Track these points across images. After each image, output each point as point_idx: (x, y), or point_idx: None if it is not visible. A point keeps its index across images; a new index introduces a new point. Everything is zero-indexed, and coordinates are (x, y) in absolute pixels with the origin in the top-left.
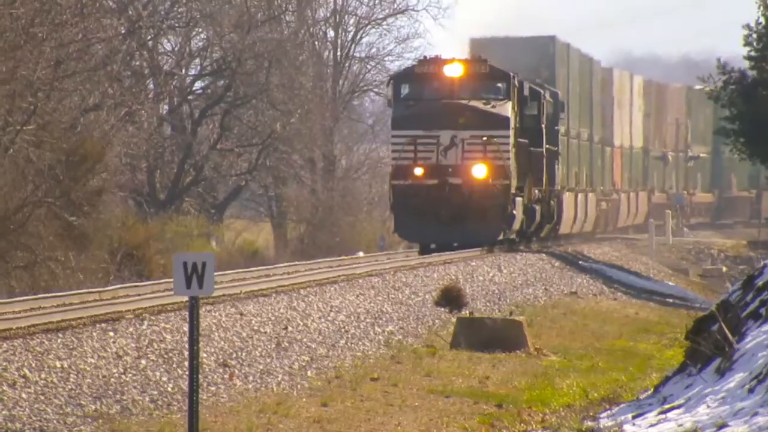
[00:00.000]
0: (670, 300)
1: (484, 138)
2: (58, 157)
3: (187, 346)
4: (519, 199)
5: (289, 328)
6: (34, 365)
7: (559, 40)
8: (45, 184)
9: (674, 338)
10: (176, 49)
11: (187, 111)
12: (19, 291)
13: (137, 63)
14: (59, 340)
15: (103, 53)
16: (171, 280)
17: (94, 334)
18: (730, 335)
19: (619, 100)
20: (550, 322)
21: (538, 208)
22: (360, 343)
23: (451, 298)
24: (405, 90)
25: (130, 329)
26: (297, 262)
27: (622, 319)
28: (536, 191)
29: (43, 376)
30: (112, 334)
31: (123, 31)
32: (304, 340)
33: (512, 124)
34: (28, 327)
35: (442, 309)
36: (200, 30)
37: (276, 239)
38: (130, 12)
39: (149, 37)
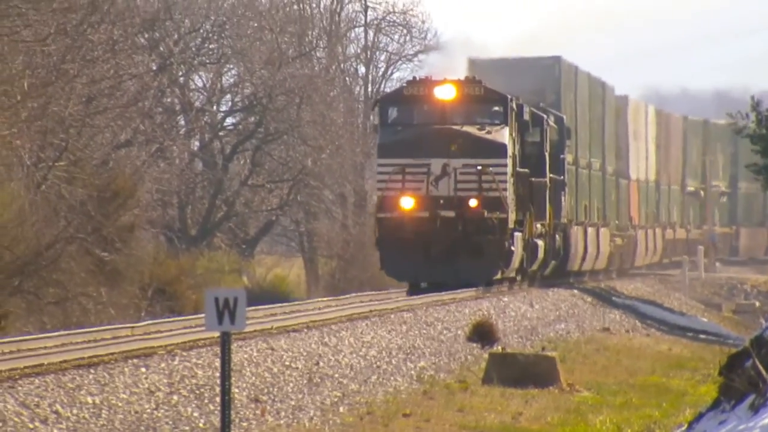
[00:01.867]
0: (703, 336)
1: (479, 167)
2: (90, 193)
3: (218, 381)
4: (518, 234)
5: (321, 364)
6: (66, 401)
7: (565, 61)
8: (77, 220)
9: (707, 374)
10: (207, 85)
11: (219, 147)
12: (51, 327)
13: (168, 99)
14: (91, 376)
15: (135, 89)
16: (203, 315)
17: (126, 369)
18: (764, 371)
19: (635, 131)
20: (583, 358)
21: (541, 243)
22: (392, 378)
23: (483, 334)
24: (392, 114)
25: (162, 365)
26: (328, 297)
27: (655, 355)
28: (538, 225)
29: (75, 411)
30: (144, 369)
31: (154, 68)
32: (336, 375)
33: (510, 152)
34: (60, 362)
35: (474, 344)
36: (231, 66)
37: (307, 274)
38: (162, 48)
39: (180, 74)
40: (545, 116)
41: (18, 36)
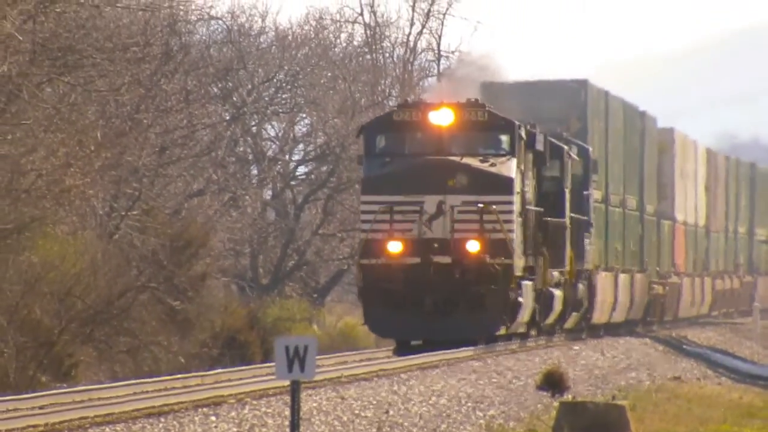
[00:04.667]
0: None
1: (481, 204)
2: (162, 242)
3: (288, 430)
4: (527, 283)
5: (390, 412)
6: None
7: (593, 85)
8: (149, 270)
9: None
10: (280, 134)
11: (290, 196)
12: (122, 375)
13: (241, 149)
14: (161, 425)
15: (208, 139)
16: (273, 364)
17: (196, 418)
18: None
19: (683, 169)
20: (654, 407)
21: (558, 293)
22: (461, 427)
23: (553, 382)
24: (380, 143)
25: (232, 414)
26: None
27: (726, 404)
28: (555, 272)
29: None
30: (213, 418)
31: (227, 117)
32: (406, 424)
33: (518, 187)
34: (131, 411)
35: (544, 393)
36: (304, 115)
37: None
38: (235, 98)
39: (253, 123)
40: (565, 147)
41: (92, 86)
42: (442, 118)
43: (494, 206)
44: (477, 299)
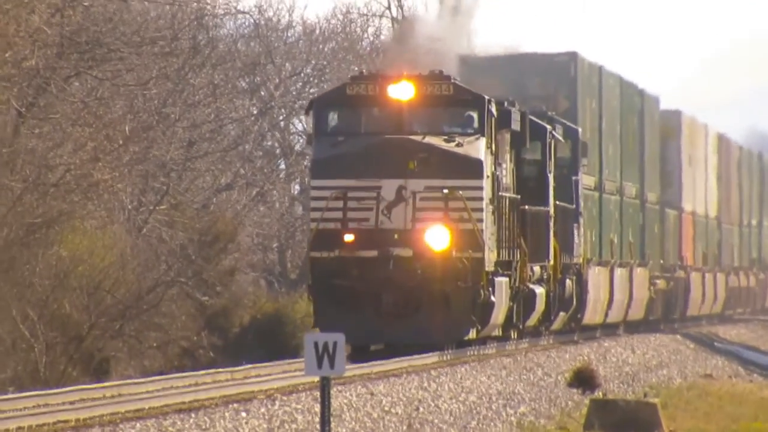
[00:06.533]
0: None
1: (446, 190)
2: (191, 236)
3: (318, 426)
4: (502, 280)
5: (421, 409)
6: None
7: (584, 59)
8: (177, 264)
9: None
10: (307, 128)
11: None
12: (152, 370)
13: (269, 143)
14: (192, 420)
15: (236, 133)
16: (302, 359)
17: (227, 414)
18: None
19: (691, 155)
20: (685, 404)
21: (540, 290)
22: (492, 424)
23: (583, 379)
24: (332, 120)
25: (262, 410)
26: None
27: (758, 402)
28: (535, 267)
29: None
30: (244, 414)
31: (255, 112)
32: (436, 421)
33: (488, 171)
34: (161, 407)
35: (575, 390)
36: None
37: None
38: (263, 92)
39: (281, 118)
40: (548, 127)
41: (120, 80)
42: (402, 92)
43: (461, 192)
44: (441, 298)
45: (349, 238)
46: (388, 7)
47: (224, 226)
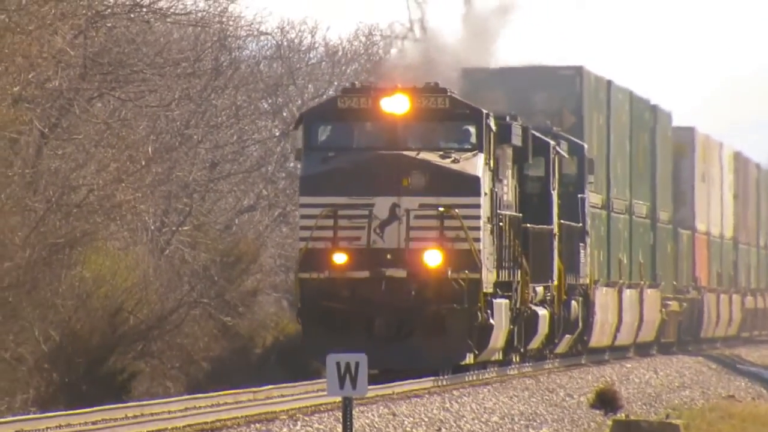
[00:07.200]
0: None
1: (441, 208)
2: (213, 257)
3: None
4: (501, 302)
5: (443, 430)
6: None
7: (590, 73)
8: (200, 285)
9: None
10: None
11: None
12: (174, 391)
13: (291, 164)
14: None
15: (258, 154)
16: (324, 380)
17: None
18: None
19: (704, 173)
20: (708, 426)
21: (543, 312)
22: None
23: (606, 401)
24: (322, 134)
25: (284, 430)
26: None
27: None
28: (538, 288)
29: None
30: None
31: (277, 133)
32: None
33: (486, 188)
34: (183, 427)
35: (598, 411)
36: None
37: None
38: (285, 114)
39: None
40: (552, 143)
41: (143, 101)
42: (396, 105)
43: (457, 210)
44: (437, 321)
45: (339, 258)
46: (411, 29)
47: (246, 247)
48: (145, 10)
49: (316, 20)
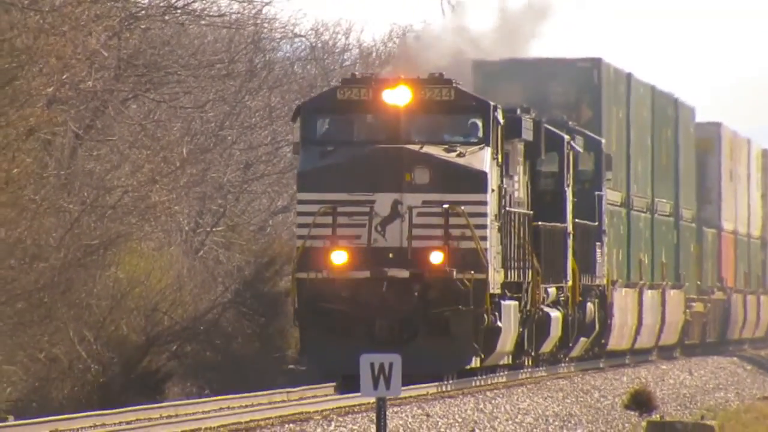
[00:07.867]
0: None
1: (446, 205)
2: (247, 258)
3: None
4: (510, 303)
5: (477, 431)
6: None
7: (609, 65)
8: (234, 286)
9: None
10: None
11: None
12: (208, 391)
13: None
14: None
15: (292, 156)
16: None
17: None
18: None
19: (731, 171)
20: (743, 427)
21: (555, 314)
22: None
23: (640, 402)
24: (321, 128)
25: (318, 430)
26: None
27: None
28: (550, 289)
29: None
30: None
31: None
32: None
33: (493, 184)
34: (217, 427)
35: (632, 412)
36: None
37: None
38: None
39: None
40: (566, 137)
41: (177, 102)
42: (398, 96)
43: (463, 207)
44: (441, 324)
45: (338, 257)
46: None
47: (280, 247)
48: (179, 11)
49: (350, 22)
